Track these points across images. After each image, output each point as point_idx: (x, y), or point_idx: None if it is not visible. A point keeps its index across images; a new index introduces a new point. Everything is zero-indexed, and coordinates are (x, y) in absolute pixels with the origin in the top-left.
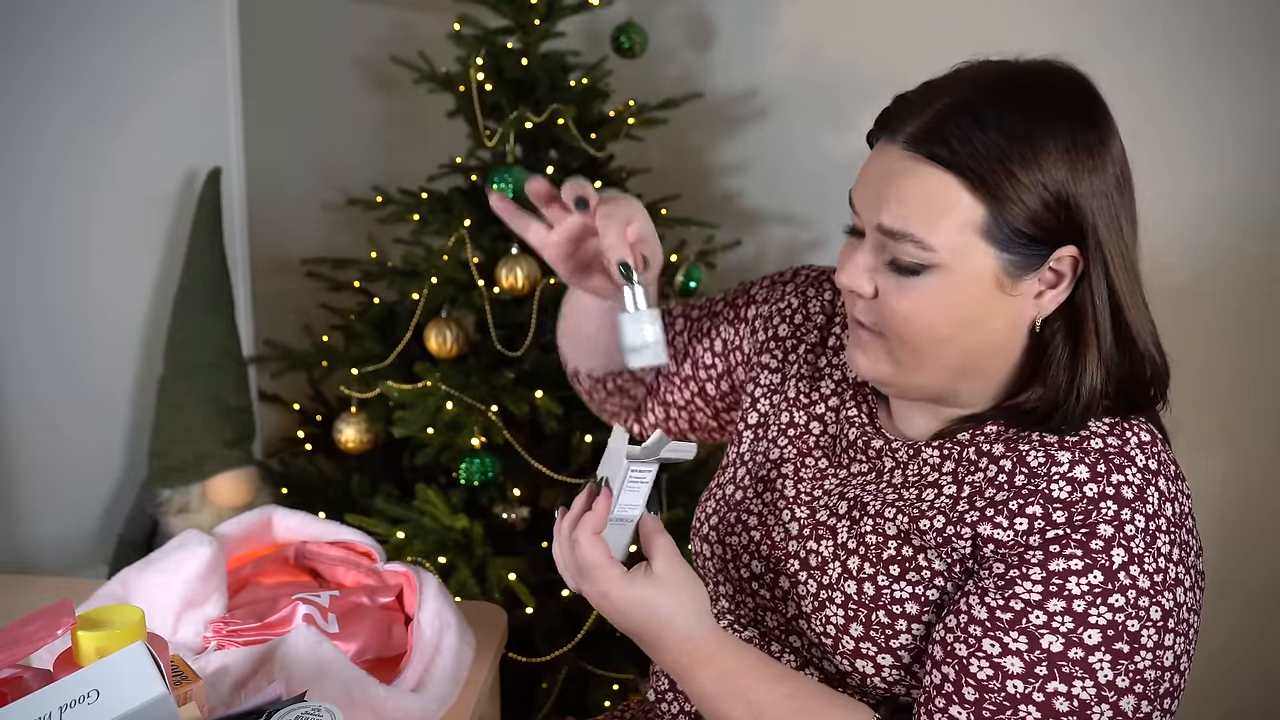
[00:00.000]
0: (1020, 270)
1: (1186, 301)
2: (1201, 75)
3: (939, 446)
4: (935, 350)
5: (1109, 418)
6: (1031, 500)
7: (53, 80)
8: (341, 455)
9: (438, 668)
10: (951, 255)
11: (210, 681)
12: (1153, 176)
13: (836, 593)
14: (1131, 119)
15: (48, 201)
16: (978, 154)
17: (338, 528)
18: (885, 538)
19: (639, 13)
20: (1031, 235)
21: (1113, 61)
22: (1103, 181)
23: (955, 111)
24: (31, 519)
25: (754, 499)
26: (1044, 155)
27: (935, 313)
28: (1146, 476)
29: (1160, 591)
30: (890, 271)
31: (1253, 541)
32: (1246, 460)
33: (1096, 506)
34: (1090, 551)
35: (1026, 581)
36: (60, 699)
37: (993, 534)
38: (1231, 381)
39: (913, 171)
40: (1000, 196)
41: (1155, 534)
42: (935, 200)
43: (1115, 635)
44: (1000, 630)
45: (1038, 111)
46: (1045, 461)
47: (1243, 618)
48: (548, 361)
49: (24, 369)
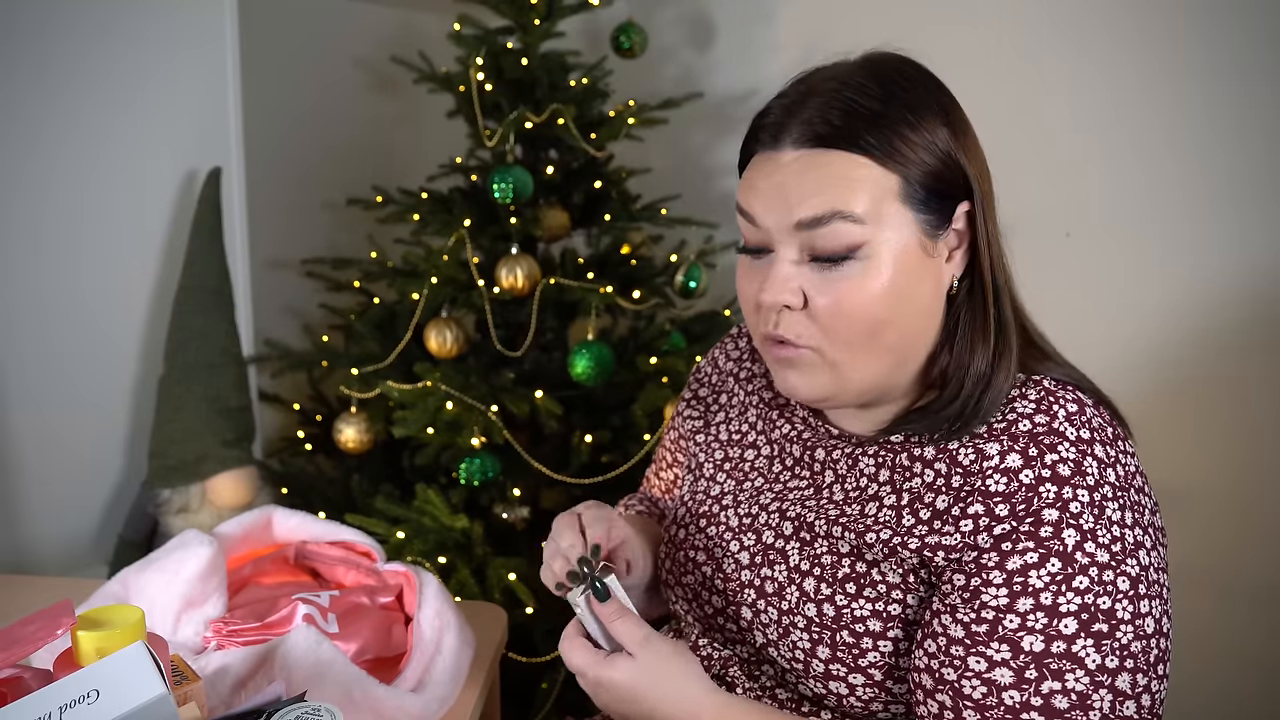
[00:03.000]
0: (935, 229)
1: (1187, 302)
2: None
3: (874, 455)
4: (876, 337)
5: (1034, 393)
6: (971, 499)
7: (51, 79)
8: (341, 455)
9: (438, 668)
10: (877, 226)
11: (210, 681)
12: (1153, 174)
13: (798, 617)
14: (1135, 115)
15: (47, 201)
16: (869, 128)
17: (337, 528)
18: (839, 556)
19: (639, 13)
20: (937, 190)
21: (1114, 56)
22: (973, 142)
23: (833, 102)
24: (31, 519)
25: (697, 534)
26: (922, 118)
27: (871, 295)
28: (1080, 448)
29: (1122, 561)
30: (815, 270)
31: (1255, 542)
32: (1247, 460)
33: (1036, 492)
34: (1041, 540)
35: (990, 588)
36: (60, 699)
37: (940, 541)
38: (1232, 381)
39: (814, 164)
40: (902, 159)
41: (1102, 504)
42: (847, 179)
43: (1090, 618)
44: (981, 644)
45: (902, 84)
46: (976, 457)
47: (1245, 619)
48: (548, 361)
49: (24, 369)
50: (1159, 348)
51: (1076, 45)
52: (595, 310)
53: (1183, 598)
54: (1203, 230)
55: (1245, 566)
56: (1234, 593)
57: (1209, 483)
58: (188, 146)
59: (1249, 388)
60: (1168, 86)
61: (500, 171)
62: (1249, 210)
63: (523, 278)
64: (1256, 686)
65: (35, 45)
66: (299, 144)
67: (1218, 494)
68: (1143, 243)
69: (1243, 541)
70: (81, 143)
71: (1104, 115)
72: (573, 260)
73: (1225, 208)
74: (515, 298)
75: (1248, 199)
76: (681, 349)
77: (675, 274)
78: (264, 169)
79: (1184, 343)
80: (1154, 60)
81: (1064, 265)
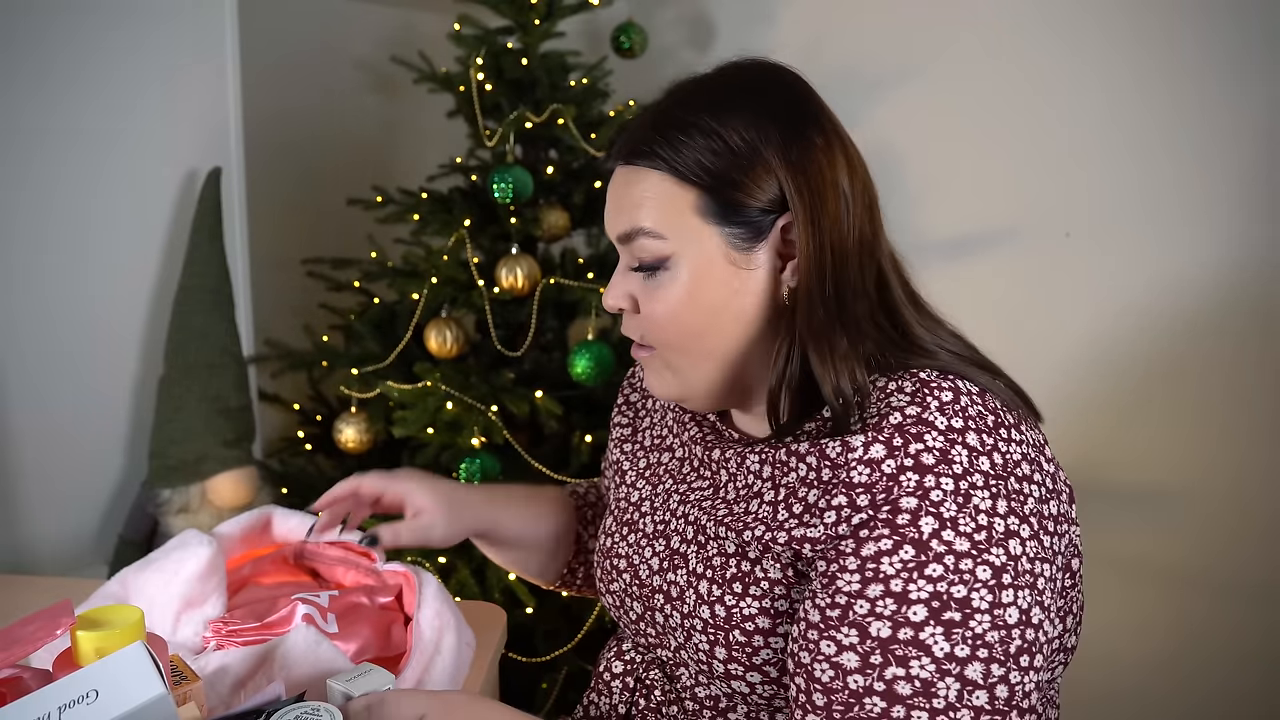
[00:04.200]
0: (747, 242)
1: (1185, 301)
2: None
3: (759, 452)
4: (698, 344)
5: (910, 384)
6: (835, 491)
7: (53, 82)
8: (341, 455)
9: (437, 667)
10: (681, 241)
11: (210, 681)
12: (1152, 173)
13: (696, 619)
14: (1138, 117)
15: (48, 201)
16: (667, 143)
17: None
18: (726, 556)
19: (639, 13)
20: (742, 203)
21: (1115, 55)
22: (799, 152)
23: (652, 118)
24: (31, 519)
25: (619, 542)
26: (727, 125)
27: (684, 305)
28: (950, 437)
29: (985, 550)
30: (639, 278)
31: (1253, 541)
32: (1245, 459)
33: (896, 481)
34: (897, 528)
35: (845, 574)
36: (60, 699)
37: (806, 534)
38: (1230, 380)
39: (632, 180)
40: (699, 175)
41: (969, 493)
42: (654, 196)
43: (942, 606)
44: (832, 628)
45: (719, 92)
46: (842, 450)
47: (1243, 618)
48: (548, 361)
49: (24, 369)
50: (1158, 347)
51: (1073, 45)
52: (595, 310)
53: (1180, 596)
54: (1201, 229)
55: (1243, 565)
56: (1231, 592)
57: (1206, 482)
58: (188, 147)
59: (1247, 387)
60: (1164, 86)
61: (500, 171)
62: (1247, 209)
63: (523, 278)
64: (1254, 684)
65: (38, 47)
66: (299, 144)
67: (1215, 493)
68: (1142, 242)
69: (1241, 540)
70: (83, 143)
71: (1102, 115)
72: (573, 260)
73: (1224, 206)
74: (515, 298)
75: (1245, 198)
76: None
77: None
78: (264, 169)
79: (1182, 342)
80: (1150, 60)
81: (1064, 265)
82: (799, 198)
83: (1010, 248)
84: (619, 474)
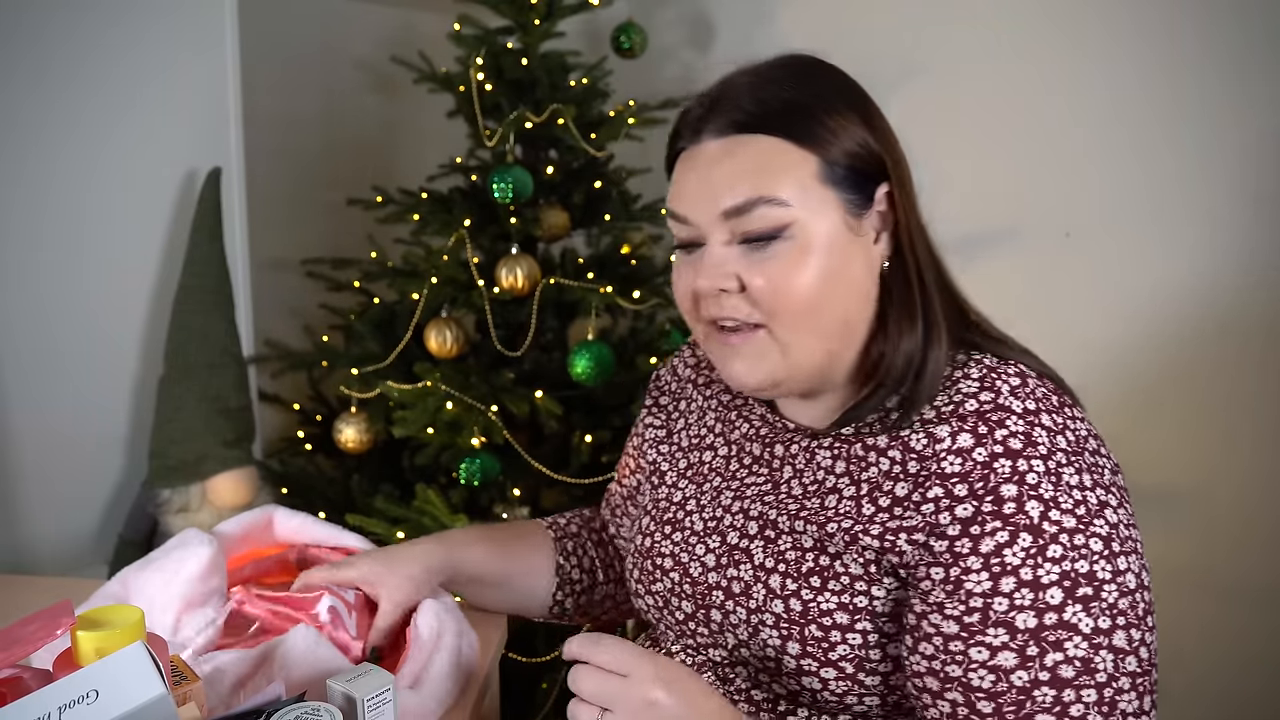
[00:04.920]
0: (858, 209)
1: (1187, 301)
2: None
3: (830, 448)
4: (817, 316)
5: (976, 371)
6: (929, 483)
7: (51, 79)
8: (341, 455)
9: (435, 666)
10: (803, 207)
11: (210, 681)
12: (1153, 173)
13: (766, 614)
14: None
15: (46, 200)
16: (784, 112)
17: (339, 532)
18: (803, 551)
19: (639, 13)
20: (855, 170)
21: (1113, 54)
22: (886, 131)
23: (751, 91)
24: (31, 519)
25: (663, 541)
26: (834, 104)
27: (804, 273)
28: (1029, 420)
29: (1089, 523)
30: (746, 253)
31: (1258, 544)
32: (1248, 461)
33: (990, 468)
34: (1007, 518)
35: (970, 575)
36: (60, 699)
37: (901, 525)
38: (1233, 382)
39: (736, 152)
40: (820, 140)
41: (1058, 471)
42: (769, 162)
43: (1073, 584)
44: (977, 634)
45: (813, 75)
46: (928, 441)
47: (1246, 621)
48: (548, 361)
49: (24, 369)
50: (1159, 347)
51: (1075, 44)
52: (595, 310)
53: (1185, 599)
54: (1202, 229)
55: (1248, 568)
56: (1236, 594)
57: (1210, 483)
58: (188, 146)
59: (1250, 388)
60: (1166, 85)
61: (500, 171)
62: (1249, 208)
63: (523, 278)
64: (1259, 688)
65: (35, 45)
66: (299, 144)
67: (1219, 495)
68: (1143, 242)
69: (1245, 543)
70: (82, 143)
71: (1103, 114)
72: (573, 260)
73: (1225, 206)
74: (515, 298)
75: (1248, 197)
76: None
77: None
78: (264, 169)
79: (1184, 342)
80: (1152, 58)
81: (1064, 265)
82: (895, 164)
83: (1010, 247)
84: (656, 475)
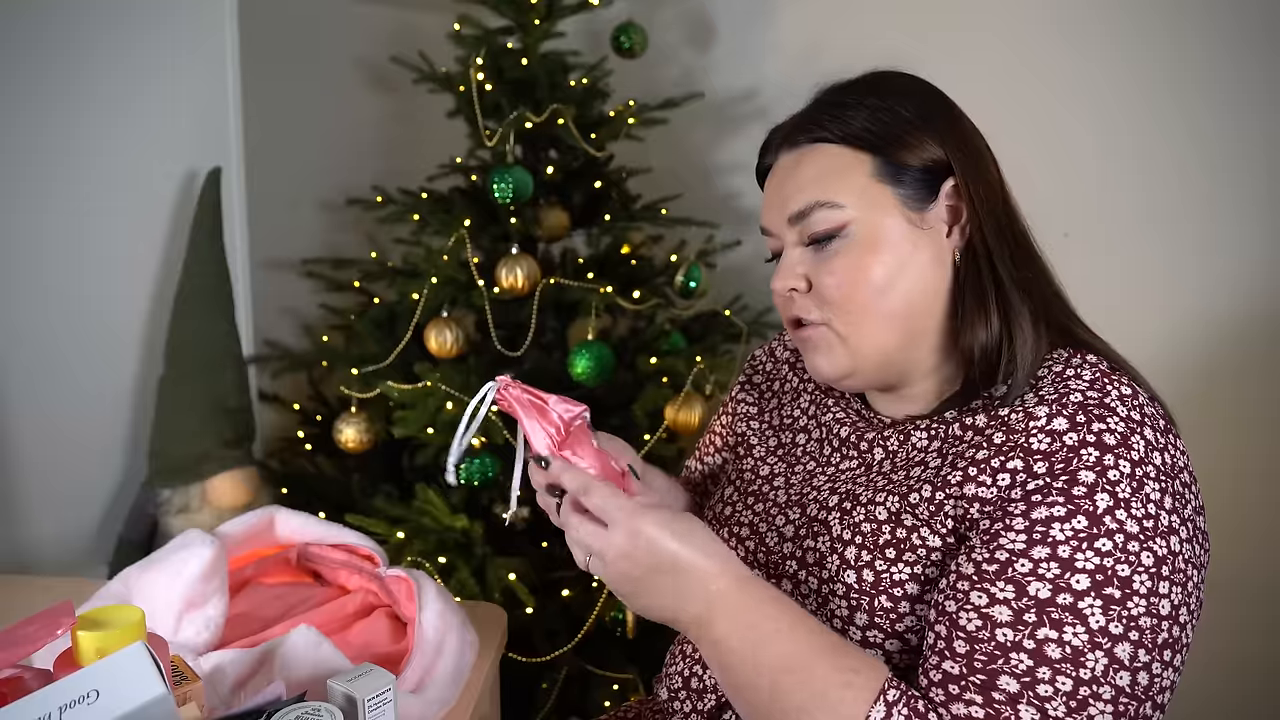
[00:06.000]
0: (919, 202)
1: (1186, 301)
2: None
3: (927, 429)
4: (877, 304)
5: (1088, 373)
6: (1011, 455)
7: (52, 80)
8: (341, 455)
9: (438, 669)
10: (859, 206)
11: (210, 681)
12: (1152, 174)
13: (838, 584)
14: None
15: (47, 201)
16: (834, 117)
17: (341, 530)
18: (878, 523)
19: (639, 13)
20: (909, 164)
21: (1113, 56)
22: (952, 117)
23: (817, 105)
24: (31, 519)
25: (744, 510)
26: (892, 103)
27: (867, 265)
28: (1131, 425)
29: (1151, 537)
30: (813, 253)
31: (1254, 544)
32: (1247, 461)
33: (1077, 454)
34: (1072, 498)
35: (1010, 532)
36: (60, 699)
37: (977, 493)
38: (1232, 381)
39: (801, 161)
40: (868, 140)
41: (1143, 480)
42: (828, 169)
43: (1105, 580)
44: (987, 581)
45: (879, 84)
46: (1024, 418)
47: (1245, 619)
48: (548, 362)
49: (24, 369)
50: (1158, 347)
51: (1075, 45)
52: (595, 310)
53: None
54: (1202, 229)
55: (1244, 567)
56: (1233, 593)
57: (1209, 483)
58: (188, 146)
59: (1249, 388)
60: (1166, 86)
61: (500, 171)
62: (1249, 209)
63: (523, 278)
64: (1256, 687)
65: (36, 45)
66: (299, 144)
67: (1218, 495)
68: (1142, 242)
69: (1242, 543)
70: (82, 143)
71: (1103, 115)
72: (573, 260)
73: (1225, 206)
74: (515, 298)
75: (1248, 198)
76: (681, 349)
77: (675, 274)
78: (264, 169)
79: (1184, 342)
80: (1153, 60)
81: (1063, 265)
82: (962, 157)
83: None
84: (744, 447)
